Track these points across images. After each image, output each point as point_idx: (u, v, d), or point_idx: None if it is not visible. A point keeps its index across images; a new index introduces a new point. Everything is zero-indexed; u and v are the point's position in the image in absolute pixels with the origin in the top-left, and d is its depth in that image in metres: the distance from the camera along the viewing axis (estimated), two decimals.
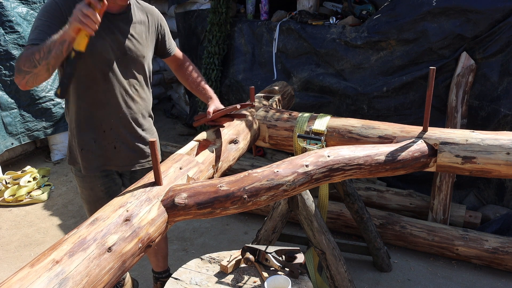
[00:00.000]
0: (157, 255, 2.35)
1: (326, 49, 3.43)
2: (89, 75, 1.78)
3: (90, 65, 1.75)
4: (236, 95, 4.06)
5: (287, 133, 2.14)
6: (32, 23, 3.93)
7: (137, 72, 1.90)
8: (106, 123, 1.87)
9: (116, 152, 1.93)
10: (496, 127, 2.93)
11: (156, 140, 1.36)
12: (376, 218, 2.89)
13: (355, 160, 1.66)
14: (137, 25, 1.86)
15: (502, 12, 2.80)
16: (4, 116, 3.85)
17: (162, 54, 2.10)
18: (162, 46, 2.05)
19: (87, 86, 1.80)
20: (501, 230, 2.85)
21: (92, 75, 1.78)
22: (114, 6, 1.75)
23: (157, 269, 2.41)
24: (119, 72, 1.82)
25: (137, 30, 1.85)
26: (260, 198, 1.44)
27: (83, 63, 1.73)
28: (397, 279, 2.66)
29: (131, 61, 1.85)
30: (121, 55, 1.80)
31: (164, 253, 2.38)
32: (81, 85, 1.80)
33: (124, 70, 1.84)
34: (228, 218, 3.31)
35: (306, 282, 1.58)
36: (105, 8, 1.48)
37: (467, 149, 1.74)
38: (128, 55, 1.83)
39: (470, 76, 2.94)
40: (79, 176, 1.99)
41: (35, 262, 1.06)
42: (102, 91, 1.81)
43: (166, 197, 1.40)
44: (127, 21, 1.82)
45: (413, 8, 3.03)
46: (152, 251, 2.32)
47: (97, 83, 1.80)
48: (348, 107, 3.40)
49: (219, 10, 3.89)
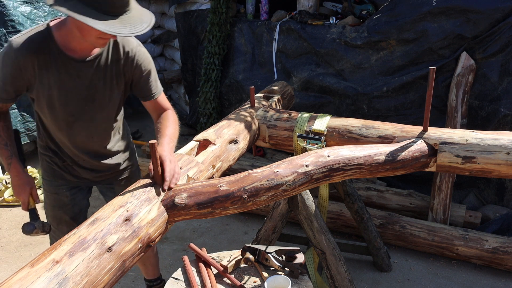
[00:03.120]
0: (145, 263, 2.29)
1: (326, 49, 3.43)
2: (54, 124, 1.73)
3: (55, 116, 1.69)
4: (236, 95, 4.06)
5: (287, 133, 2.14)
6: (35, 22, 3.93)
7: (105, 115, 1.78)
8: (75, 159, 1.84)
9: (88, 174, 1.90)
10: (496, 127, 2.93)
11: (155, 142, 1.36)
12: (376, 218, 2.89)
13: (355, 160, 1.66)
14: (108, 70, 1.67)
15: (502, 12, 2.80)
16: None
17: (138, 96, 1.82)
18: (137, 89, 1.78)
19: (54, 130, 1.76)
20: (501, 230, 2.85)
21: (57, 124, 1.72)
22: (84, 49, 1.59)
23: (148, 277, 2.38)
24: (85, 118, 1.73)
25: (106, 76, 1.67)
26: (260, 198, 1.44)
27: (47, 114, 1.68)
28: (397, 279, 2.66)
29: (99, 108, 1.73)
30: (88, 103, 1.69)
31: (153, 261, 2.31)
32: (49, 128, 1.77)
33: (90, 116, 1.73)
34: (228, 218, 3.31)
35: (306, 282, 1.58)
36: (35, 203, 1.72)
37: (467, 149, 1.74)
38: (96, 103, 1.71)
39: (470, 76, 2.94)
40: (46, 179, 1.94)
41: (35, 262, 1.06)
42: (67, 137, 1.76)
43: (166, 197, 1.40)
44: (97, 68, 1.64)
45: (413, 8, 3.03)
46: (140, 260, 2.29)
47: (62, 130, 1.74)
48: (348, 107, 3.40)
49: (219, 10, 3.89)
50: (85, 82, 1.64)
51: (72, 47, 1.58)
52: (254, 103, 2.29)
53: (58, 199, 1.94)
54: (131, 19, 1.42)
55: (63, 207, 1.95)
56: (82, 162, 1.85)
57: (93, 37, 1.48)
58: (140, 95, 1.78)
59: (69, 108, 1.67)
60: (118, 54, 1.67)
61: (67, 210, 1.95)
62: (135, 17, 1.43)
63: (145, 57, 1.73)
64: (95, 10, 1.36)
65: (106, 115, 1.78)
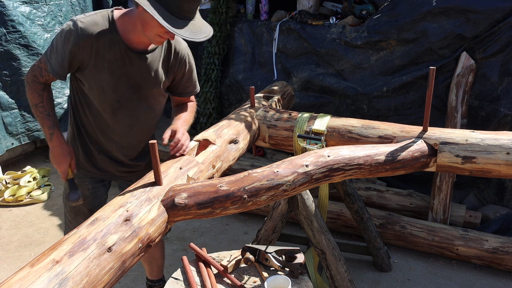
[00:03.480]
0: (151, 263, 2.31)
1: (326, 49, 3.43)
2: (99, 107, 1.77)
3: (102, 99, 1.75)
4: (236, 95, 4.06)
5: (287, 133, 2.14)
6: (35, 22, 3.93)
7: (148, 107, 1.85)
8: (106, 147, 1.87)
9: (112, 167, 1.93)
10: (496, 127, 2.93)
11: (155, 142, 1.36)
12: (376, 218, 2.89)
13: (355, 160, 1.66)
14: (159, 64, 1.78)
15: (502, 12, 2.80)
16: (5, 116, 3.85)
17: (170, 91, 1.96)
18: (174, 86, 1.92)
19: (95, 114, 1.80)
20: (501, 230, 2.85)
21: (102, 107, 1.77)
22: (142, 42, 1.69)
23: (151, 277, 2.38)
24: (130, 108, 1.80)
25: (157, 70, 1.77)
26: (260, 198, 1.44)
27: (95, 96, 1.74)
28: (397, 279, 2.66)
29: (144, 98, 1.81)
30: (135, 92, 1.78)
31: (159, 263, 2.33)
32: (89, 112, 1.80)
33: (135, 105, 1.81)
34: (228, 218, 3.31)
35: (306, 282, 1.58)
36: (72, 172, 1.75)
37: (467, 149, 1.74)
38: (142, 93, 1.79)
39: (470, 76, 2.94)
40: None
41: (35, 262, 1.06)
42: (108, 121, 1.80)
43: (166, 197, 1.40)
44: (149, 60, 1.74)
45: (413, 8, 3.03)
46: (147, 259, 2.29)
47: (105, 114, 1.78)
48: (348, 107, 3.40)
49: (219, 10, 3.89)
50: (136, 72, 1.73)
51: (130, 38, 1.67)
52: (254, 103, 2.29)
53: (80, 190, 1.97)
54: (193, 26, 1.54)
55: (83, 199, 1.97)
56: (111, 150, 1.89)
57: (154, 34, 1.58)
58: (177, 91, 1.93)
59: (117, 94, 1.74)
60: (169, 53, 1.80)
61: (87, 202, 1.97)
62: (196, 25, 1.55)
63: (191, 59, 1.90)
64: (165, 9, 1.47)
65: (149, 108, 1.85)
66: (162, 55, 1.78)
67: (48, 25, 4.06)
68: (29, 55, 3.88)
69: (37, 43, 3.91)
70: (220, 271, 1.61)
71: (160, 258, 2.32)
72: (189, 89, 1.94)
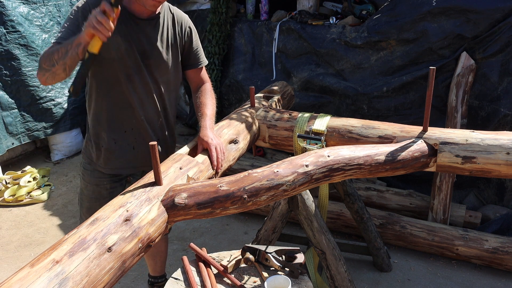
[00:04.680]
0: (156, 258, 2.33)
1: (326, 49, 3.43)
2: (113, 77, 1.79)
3: (115, 67, 1.77)
4: (236, 95, 4.06)
5: (287, 133, 2.14)
6: (33, 23, 3.94)
7: (161, 77, 1.89)
8: (127, 123, 1.88)
9: (134, 152, 1.93)
10: (496, 127, 2.93)
11: (155, 143, 1.36)
12: (376, 218, 2.89)
13: (355, 160, 1.66)
14: (164, 32, 1.86)
15: (502, 12, 2.80)
16: (5, 116, 3.85)
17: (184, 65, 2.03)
18: (186, 56, 2.00)
19: (110, 87, 1.82)
20: (501, 230, 2.85)
21: (116, 77, 1.80)
22: (144, 11, 1.77)
23: (153, 273, 2.39)
24: (143, 76, 1.83)
25: (163, 37, 1.85)
26: (260, 198, 1.44)
27: (108, 65, 1.76)
28: (397, 279, 2.66)
29: (155, 66, 1.85)
30: (145, 59, 1.82)
31: (163, 257, 2.35)
32: (104, 86, 1.82)
33: (148, 74, 1.84)
34: (228, 218, 3.31)
35: (306, 282, 1.58)
36: (118, 15, 1.52)
37: (467, 149, 1.74)
38: (152, 60, 1.84)
39: (470, 76, 2.94)
40: (88, 170, 1.98)
41: (35, 262, 1.06)
42: (125, 93, 1.83)
43: (166, 197, 1.40)
44: (155, 27, 1.83)
45: (413, 8, 3.03)
46: (151, 254, 2.31)
47: (120, 85, 1.81)
48: (348, 107, 3.40)
49: (219, 10, 3.89)
50: (145, 37, 1.80)
51: (133, 8, 1.77)
52: (254, 103, 2.29)
53: (97, 191, 1.99)
54: None
55: (100, 199, 1.97)
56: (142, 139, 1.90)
57: None
58: (188, 62, 2.00)
59: (131, 60, 1.79)
60: (173, 21, 1.89)
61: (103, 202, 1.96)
62: None
63: (195, 30, 2.00)
64: None
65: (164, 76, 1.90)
66: (165, 22, 1.86)
67: (46, 26, 4.06)
68: (28, 55, 3.88)
69: (35, 43, 3.91)
70: (220, 271, 1.61)
71: (164, 252, 2.35)
72: (200, 59, 2.02)
